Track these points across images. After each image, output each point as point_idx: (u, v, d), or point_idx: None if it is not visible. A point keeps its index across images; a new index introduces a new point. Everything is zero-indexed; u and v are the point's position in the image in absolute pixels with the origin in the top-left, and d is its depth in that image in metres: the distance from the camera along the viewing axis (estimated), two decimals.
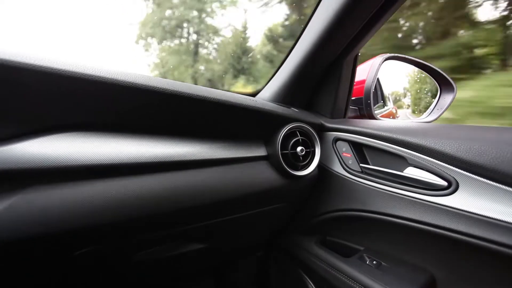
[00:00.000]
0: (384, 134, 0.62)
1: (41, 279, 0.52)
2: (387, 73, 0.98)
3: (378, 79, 0.97)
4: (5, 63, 0.37)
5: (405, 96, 1.20)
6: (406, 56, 0.99)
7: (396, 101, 1.19)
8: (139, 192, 0.49)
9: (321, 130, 0.77)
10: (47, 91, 0.42)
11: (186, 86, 0.54)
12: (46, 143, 0.42)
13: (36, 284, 0.53)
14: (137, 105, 0.50)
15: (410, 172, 0.57)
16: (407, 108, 1.19)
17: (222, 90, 0.66)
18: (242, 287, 1.05)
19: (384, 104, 1.12)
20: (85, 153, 0.44)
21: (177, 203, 0.53)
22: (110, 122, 0.49)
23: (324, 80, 0.81)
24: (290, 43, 0.79)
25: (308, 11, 0.76)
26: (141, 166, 0.50)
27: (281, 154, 0.65)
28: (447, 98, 1.03)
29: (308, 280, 0.82)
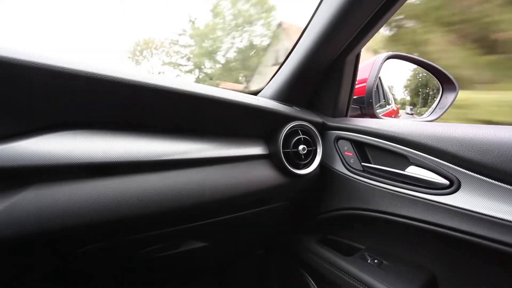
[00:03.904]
0: (386, 133, 0.62)
1: (43, 276, 0.53)
2: (389, 72, 0.98)
3: (379, 78, 0.97)
4: (8, 61, 0.37)
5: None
6: (408, 55, 0.99)
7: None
8: (141, 190, 0.49)
9: (323, 129, 0.77)
10: (49, 90, 0.42)
11: (187, 84, 0.54)
12: (48, 141, 0.43)
13: (39, 281, 0.53)
14: (138, 103, 0.50)
15: (412, 171, 0.57)
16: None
17: (224, 88, 0.66)
18: (243, 285, 1.06)
19: (386, 103, 1.12)
20: (87, 151, 0.45)
21: (178, 201, 0.53)
22: (112, 121, 0.49)
23: (326, 79, 0.81)
24: None
25: None
26: (143, 164, 0.50)
27: (283, 152, 0.65)
28: (449, 97, 1.03)
29: (309, 278, 0.82)
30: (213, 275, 1.06)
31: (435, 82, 1.06)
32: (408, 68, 1.11)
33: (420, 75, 1.15)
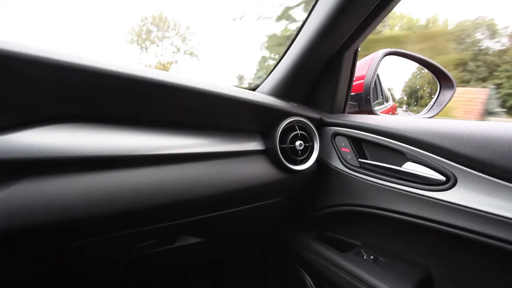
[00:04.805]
0: (383, 129, 0.62)
1: (35, 271, 0.52)
2: (387, 69, 0.98)
3: (378, 75, 0.96)
4: (2, 53, 0.37)
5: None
6: (407, 52, 0.98)
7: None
8: (136, 185, 0.48)
9: (320, 125, 0.76)
10: (45, 82, 0.41)
11: (184, 79, 0.53)
12: (43, 134, 0.42)
13: (30, 276, 0.52)
14: (134, 97, 0.50)
15: (409, 167, 0.57)
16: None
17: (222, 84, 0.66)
18: (240, 282, 1.06)
19: (384, 100, 1.12)
20: (82, 144, 0.44)
21: (173, 196, 0.52)
22: (107, 114, 0.49)
23: (324, 75, 0.81)
24: None
25: None
26: (138, 158, 0.49)
27: (280, 148, 0.65)
28: (446, 95, 1.03)
29: (306, 275, 0.83)
30: (209, 271, 1.06)
31: (428, 87, 1.07)
32: (406, 67, 1.11)
33: (417, 80, 1.17)
